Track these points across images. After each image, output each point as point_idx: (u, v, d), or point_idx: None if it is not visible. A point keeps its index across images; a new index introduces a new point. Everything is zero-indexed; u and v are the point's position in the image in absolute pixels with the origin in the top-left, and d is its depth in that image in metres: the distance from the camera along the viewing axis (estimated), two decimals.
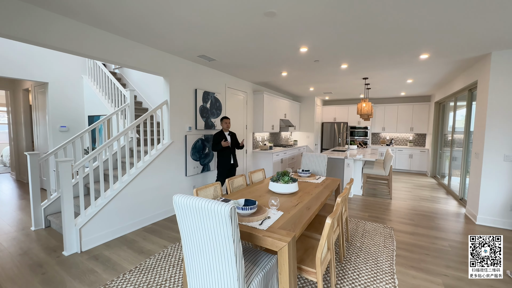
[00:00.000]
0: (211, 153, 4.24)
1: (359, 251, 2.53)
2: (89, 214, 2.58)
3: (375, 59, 3.56)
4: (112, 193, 2.78)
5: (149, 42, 2.93)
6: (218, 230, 1.16)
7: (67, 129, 4.67)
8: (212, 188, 2.33)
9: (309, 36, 2.71)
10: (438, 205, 4.12)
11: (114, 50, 2.73)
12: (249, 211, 1.65)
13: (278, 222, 1.61)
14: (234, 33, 2.62)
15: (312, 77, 4.83)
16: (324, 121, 8.46)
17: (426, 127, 7.16)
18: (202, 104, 3.98)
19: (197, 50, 3.24)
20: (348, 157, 4.56)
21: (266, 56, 3.47)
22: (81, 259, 2.35)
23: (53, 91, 4.45)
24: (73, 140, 3.32)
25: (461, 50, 3.11)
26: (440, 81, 5.09)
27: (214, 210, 1.13)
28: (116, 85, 4.26)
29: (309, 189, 2.49)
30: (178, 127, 3.61)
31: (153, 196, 3.26)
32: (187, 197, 1.23)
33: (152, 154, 3.26)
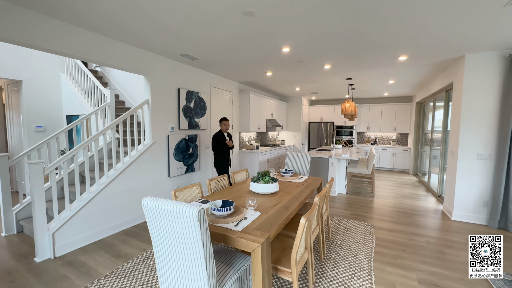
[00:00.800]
0: (195, 154, 4.19)
1: (339, 249, 2.57)
2: (63, 218, 2.48)
3: (357, 60, 3.63)
4: (88, 195, 2.69)
5: (128, 40, 2.85)
6: (187, 233, 1.13)
7: (44, 130, 4.47)
8: (192, 190, 2.29)
9: (291, 37, 2.72)
10: (418, 202, 4.26)
11: (91, 48, 2.63)
12: (225, 212, 1.63)
13: (255, 223, 1.60)
14: (214, 32, 2.59)
15: (297, 77, 4.87)
16: (311, 121, 8.56)
17: (409, 127, 7.38)
18: (185, 104, 3.92)
19: (178, 49, 3.18)
20: (333, 156, 4.63)
21: (249, 56, 3.46)
22: (54, 265, 2.25)
23: (28, 89, 4.25)
24: (48, 141, 3.19)
25: (437, 53, 3.22)
26: (420, 82, 5.26)
27: (183, 212, 1.10)
28: (95, 83, 4.12)
29: (290, 189, 2.51)
30: (160, 127, 3.53)
31: (133, 198, 3.18)
32: (156, 199, 1.20)
33: (132, 155, 3.18)
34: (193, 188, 2.32)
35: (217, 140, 3.83)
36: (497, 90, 3.12)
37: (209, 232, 1.45)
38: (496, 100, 3.13)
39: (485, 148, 3.22)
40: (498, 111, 3.13)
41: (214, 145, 3.86)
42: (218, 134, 3.88)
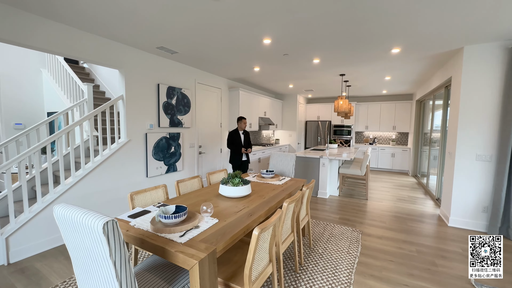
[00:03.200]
0: (178, 153, 3.99)
1: (319, 258, 2.34)
2: (20, 221, 2.30)
3: (347, 54, 3.38)
4: (51, 197, 2.51)
5: (97, 31, 2.65)
6: (96, 249, 0.93)
7: (24, 127, 4.33)
8: (155, 192, 2.10)
9: (271, 26, 2.49)
10: (414, 206, 4.00)
11: (58, 40, 2.44)
12: (173, 220, 1.42)
13: (205, 233, 1.39)
14: (184, 20, 2.38)
15: (287, 73, 4.63)
16: (308, 120, 8.30)
17: (409, 126, 7.08)
18: (166, 100, 3.72)
19: (153, 41, 2.98)
20: (325, 156, 4.38)
21: (231, 48, 3.24)
22: (5, 272, 2.08)
23: (5, 84, 4.11)
24: (17, 138, 3.02)
25: (432, 45, 2.96)
26: (419, 79, 4.97)
27: (87, 225, 0.90)
28: (74, 79, 3.95)
29: (264, 192, 2.29)
30: (137, 125, 3.34)
31: (105, 199, 3.00)
32: (67, 208, 0.99)
33: (104, 154, 2.99)
34: (157, 190, 2.12)
35: (232, 137, 4.07)
36: (499, 85, 2.85)
37: (149, 244, 1.25)
38: (498, 95, 2.86)
39: (485, 148, 2.95)
40: (499, 107, 2.85)
41: (227, 143, 4.13)
42: (233, 132, 4.09)
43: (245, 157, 4.18)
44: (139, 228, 1.45)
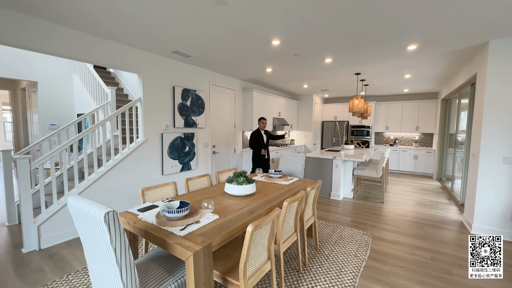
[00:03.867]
0: (192, 152, 4.16)
1: (325, 260, 2.32)
2: (50, 211, 2.57)
3: (360, 53, 3.30)
4: (76, 190, 2.76)
5: (116, 38, 2.87)
6: (100, 237, 1.04)
7: (57, 127, 4.78)
8: (165, 188, 2.23)
9: (277, 28, 2.52)
10: (434, 211, 3.77)
11: (81, 47, 2.69)
12: (175, 214, 1.52)
13: (204, 228, 1.46)
14: (193, 27, 2.49)
15: (300, 73, 4.60)
16: (324, 120, 8.14)
17: (433, 126, 6.66)
18: (181, 102, 3.90)
19: (168, 47, 3.15)
20: (340, 157, 4.29)
21: (241, 51, 3.31)
22: (36, 257, 2.33)
23: (43, 89, 4.57)
24: (50, 138, 3.36)
25: (453, 40, 2.78)
26: (443, 76, 4.67)
27: (91, 214, 1.01)
28: (99, 83, 4.28)
29: (269, 192, 2.32)
30: (154, 125, 3.54)
31: (124, 195, 3.22)
32: (79, 199, 1.12)
33: (123, 152, 3.22)
34: (167, 187, 2.25)
35: (255, 138, 4.40)
36: None
37: (152, 236, 1.35)
38: None
39: None
40: None
41: (251, 143, 4.45)
42: (256, 133, 4.42)
43: (266, 155, 4.51)
44: (145, 221, 1.56)
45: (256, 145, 4.37)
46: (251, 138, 4.40)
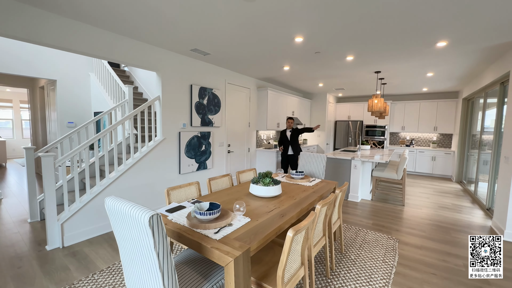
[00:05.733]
0: (208, 151, 4.12)
1: (352, 265, 2.24)
2: (73, 209, 2.57)
3: (384, 50, 3.18)
4: (98, 189, 2.76)
5: (136, 36, 2.85)
6: (142, 240, 0.99)
7: (75, 125, 4.83)
8: (188, 189, 2.19)
9: (302, 24, 2.45)
10: (459, 215, 3.62)
11: (99, 44, 2.68)
12: (207, 216, 1.47)
13: (239, 231, 1.41)
14: (217, 23, 2.44)
15: (318, 71, 4.50)
16: (338, 120, 8.00)
17: (453, 127, 6.43)
18: (198, 100, 3.87)
19: (187, 44, 3.11)
20: (357, 158, 4.18)
21: (261, 49, 3.25)
22: (60, 254, 2.34)
23: (61, 88, 4.62)
24: (70, 136, 3.38)
25: (487, 36, 2.64)
26: (467, 74, 4.48)
27: (135, 217, 0.96)
28: (117, 81, 4.30)
29: (294, 193, 2.25)
30: (171, 124, 3.52)
31: (142, 193, 3.21)
32: (118, 200, 1.08)
33: (142, 151, 3.21)
34: (191, 187, 2.21)
35: (279, 136, 4.96)
36: None
37: (186, 239, 1.30)
38: None
39: None
40: None
41: (278, 141, 4.99)
42: (282, 132, 4.93)
43: (291, 151, 4.81)
44: (176, 222, 1.52)
45: (279, 143, 4.92)
46: (279, 135, 5.00)
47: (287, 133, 4.85)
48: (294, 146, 4.82)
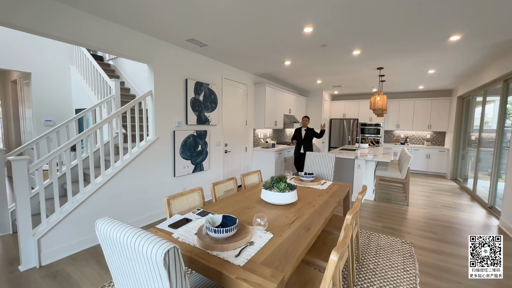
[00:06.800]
0: (205, 151, 3.82)
1: (372, 275, 2.05)
2: (52, 221, 2.21)
3: (394, 43, 3.02)
4: (82, 196, 2.40)
5: (127, 21, 2.50)
6: (151, 282, 0.72)
7: (53, 123, 4.36)
8: (191, 196, 1.90)
9: (313, 12, 2.21)
10: (464, 214, 3.56)
11: (82, 30, 2.31)
12: (224, 234, 1.20)
13: (263, 252, 1.16)
14: (219, 6, 2.16)
15: (320, 67, 4.30)
16: (332, 117, 7.89)
17: (446, 125, 6.49)
18: (194, 96, 3.55)
19: (183, 33, 2.79)
20: (358, 157, 4.04)
21: (265, 40, 2.99)
22: (37, 276, 1.98)
23: (36, 82, 4.13)
24: (48, 135, 2.97)
25: (501, 30, 2.53)
26: (466, 72, 4.46)
27: (142, 252, 0.69)
28: (101, 75, 3.88)
29: (311, 199, 2.02)
30: (165, 122, 3.19)
31: (133, 200, 2.88)
32: (113, 224, 0.79)
33: (133, 152, 2.86)
34: (193, 194, 1.93)
35: (295, 133, 5.01)
36: None
37: (200, 265, 1.04)
38: None
39: None
40: None
41: (292, 138, 5.07)
42: (297, 129, 4.99)
43: (303, 150, 4.88)
44: (184, 242, 1.24)
45: (295, 138, 4.99)
46: (294, 133, 5.07)
47: (302, 131, 4.89)
48: (307, 146, 4.87)
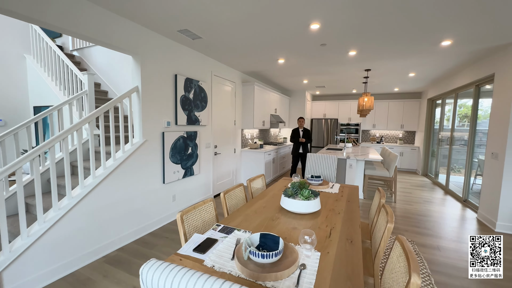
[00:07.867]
0: (195, 154, 3.50)
1: None
2: (17, 249, 1.75)
3: (390, 46, 3.08)
4: (56, 214, 1.97)
5: (107, 3, 2.11)
6: None
7: (4, 124, 3.62)
8: (203, 209, 1.66)
9: (322, 8, 2.10)
10: (446, 209, 3.82)
11: (55, 11, 1.88)
12: (271, 259, 1.01)
13: (322, 277, 0.99)
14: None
15: (311, 67, 4.26)
16: (313, 117, 8.02)
17: (416, 125, 7.02)
18: (183, 94, 3.22)
19: (176, 23, 2.48)
20: (350, 157, 4.09)
21: (264, 36, 2.81)
22: None
23: None
24: (2, 139, 2.41)
25: (489, 37, 2.72)
26: (439, 77, 4.84)
27: None
28: (70, 67, 3.32)
29: (330, 205, 1.91)
30: (154, 122, 2.83)
31: (119, 213, 2.48)
32: (170, 272, 0.55)
33: (117, 158, 2.46)
34: (205, 206, 1.68)
35: (293, 133, 5.18)
36: None
37: None
38: None
39: None
40: None
41: (290, 137, 5.23)
42: (295, 130, 5.17)
43: (302, 149, 5.09)
44: (223, 271, 1.01)
45: (294, 138, 5.15)
46: (291, 133, 5.21)
47: (300, 132, 5.13)
48: (304, 146, 5.13)
